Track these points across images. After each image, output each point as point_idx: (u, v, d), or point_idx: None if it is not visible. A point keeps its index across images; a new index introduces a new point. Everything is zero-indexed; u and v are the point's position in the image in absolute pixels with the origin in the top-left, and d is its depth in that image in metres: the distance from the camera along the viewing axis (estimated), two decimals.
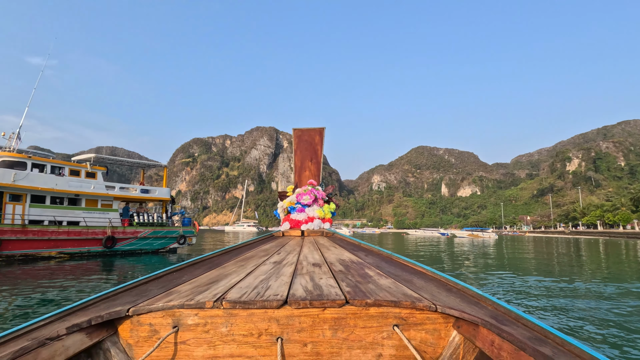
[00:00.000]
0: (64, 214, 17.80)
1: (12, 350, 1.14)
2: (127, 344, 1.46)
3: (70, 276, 11.24)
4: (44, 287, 9.35)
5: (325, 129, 4.51)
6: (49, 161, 17.67)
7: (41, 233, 16.18)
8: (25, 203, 16.48)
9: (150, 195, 21.87)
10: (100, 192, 19.17)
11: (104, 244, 18.29)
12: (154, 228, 20.89)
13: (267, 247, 3.04)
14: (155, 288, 1.79)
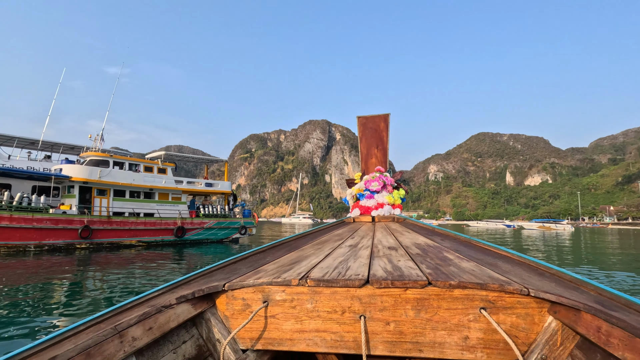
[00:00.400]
0: (141, 207, 19.69)
1: (137, 314, 1.36)
2: (224, 315, 1.62)
3: (152, 263, 12.42)
4: (138, 270, 10.44)
5: (390, 115, 4.42)
6: (127, 159, 19.62)
7: (123, 223, 18.08)
8: (109, 197, 18.52)
9: (214, 188, 23.30)
10: (171, 186, 20.86)
11: (175, 234, 19.91)
12: (218, 219, 22.24)
13: (340, 232, 3.10)
14: (244, 267, 1.95)
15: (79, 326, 1.27)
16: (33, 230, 15.30)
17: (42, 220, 15.53)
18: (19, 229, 14.96)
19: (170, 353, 1.42)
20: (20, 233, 15.01)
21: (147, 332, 1.32)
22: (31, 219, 15.23)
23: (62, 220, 16.15)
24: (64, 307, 6.52)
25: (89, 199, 17.89)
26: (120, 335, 1.24)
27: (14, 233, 14.88)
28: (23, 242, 15.11)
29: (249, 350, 1.57)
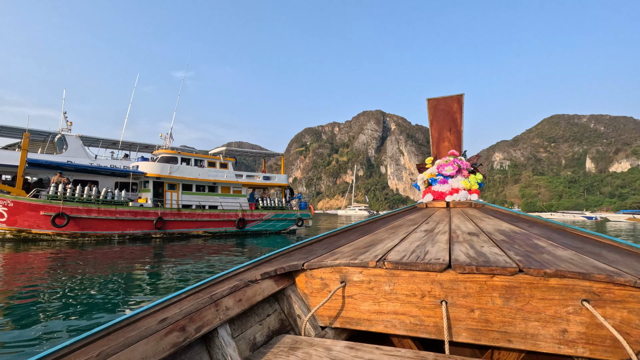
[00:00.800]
0: (206, 199, 21.01)
1: (228, 287, 1.48)
2: (303, 293, 1.71)
3: (218, 251, 13.18)
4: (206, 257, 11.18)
5: (464, 96, 4.19)
6: (193, 155, 21.01)
7: (191, 215, 19.46)
8: (179, 191, 20.02)
9: (271, 181, 24.04)
10: (232, 180, 21.94)
11: (237, 225, 20.95)
12: (276, 211, 22.94)
13: (413, 217, 3.09)
14: (320, 248, 2.04)
15: (181, 294, 1.41)
16: (116, 221, 17.10)
17: (124, 213, 17.29)
18: (105, 220, 16.82)
19: (256, 324, 1.53)
20: (106, 224, 16.88)
21: (238, 303, 1.44)
22: (114, 211, 17.03)
23: (140, 212, 17.83)
24: (147, 285, 7.48)
25: (161, 192, 19.53)
26: (215, 304, 1.36)
27: (101, 224, 16.76)
28: (109, 232, 16.97)
29: (328, 327, 1.63)
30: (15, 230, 15.47)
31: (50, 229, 15.68)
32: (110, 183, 19.86)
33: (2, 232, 15.39)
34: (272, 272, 1.67)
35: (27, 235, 15.62)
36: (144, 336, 1.09)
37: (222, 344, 1.29)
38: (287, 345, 1.41)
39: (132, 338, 1.06)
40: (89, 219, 16.40)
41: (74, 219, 16.02)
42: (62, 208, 15.74)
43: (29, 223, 15.52)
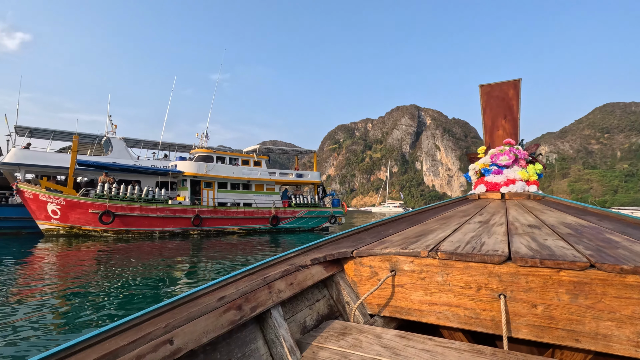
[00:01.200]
0: (240, 197, 21.43)
1: (280, 270, 1.52)
2: (352, 280, 1.74)
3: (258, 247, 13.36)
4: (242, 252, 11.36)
5: (521, 81, 3.96)
6: (227, 154, 21.49)
7: (226, 213, 19.92)
8: (214, 189, 20.57)
9: (304, 178, 24.07)
10: (265, 178, 22.21)
11: (270, 222, 21.18)
12: (309, 209, 22.93)
13: (465, 209, 3.03)
14: (368, 237, 2.05)
15: (237, 275, 1.47)
16: (157, 218, 17.87)
17: (164, 210, 18.03)
18: (147, 218, 17.62)
19: (306, 308, 1.58)
20: (148, 221, 17.68)
21: (289, 286, 1.47)
22: (155, 209, 17.80)
23: (178, 210, 18.51)
24: (187, 276, 8.13)
25: (198, 191, 20.16)
26: (268, 286, 1.40)
27: (144, 221, 17.58)
28: (150, 229, 17.76)
29: (377, 315, 1.63)
30: (68, 226, 16.60)
31: (98, 226, 16.67)
32: (152, 182, 20.81)
33: (57, 228, 16.58)
34: (321, 258, 1.70)
35: (77, 231, 16.71)
36: (204, 312, 1.16)
37: (275, 325, 1.33)
38: (337, 330, 1.43)
39: (195, 313, 1.14)
40: (132, 216, 17.26)
41: (119, 216, 16.93)
42: (108, 206, 16.68)
43: (79, 220, 16.59)
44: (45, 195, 16.22)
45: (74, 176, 19.19)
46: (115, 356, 0.90)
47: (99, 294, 6.62)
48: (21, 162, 18.38)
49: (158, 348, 0.97)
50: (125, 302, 6.15)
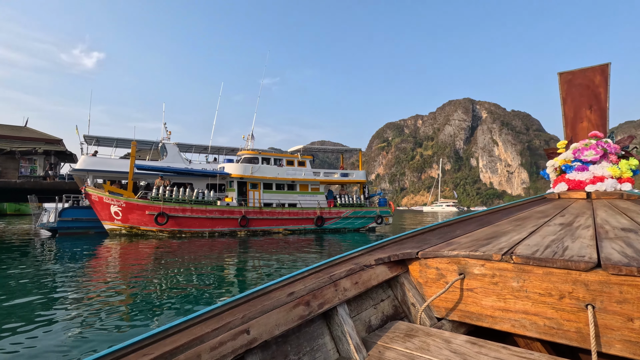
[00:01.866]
0: (285, 198, 21.55)
1: (345, 269, 1.53)
2: (417, 281, 1.71)
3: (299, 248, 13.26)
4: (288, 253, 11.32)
5: (609, 66, 3.52)
6: (272, 155, 21.74)
7: (272, 213, 20.13)
8: (260, 190, 20.90)
9: (349, 178, 23.59)
10: (309, 178, 22.12)
11: (315, 223, 21.02)
12: (354, 208, 22.42)
13: (543, 209, 2.84)
14: (434, 238, 2.00)
15: (304, 272, 1.51)
16: (206, 219, 18.56)
17: (212, 212, 18.68)
18: (197, 219, 18.38)
19: (371, 308, 1.58)
20: (198, 222, 18.43)
21: (354, 285, 1.49)
22: (204, 210, 18.50)
23: (226, 211, 19.06)
24: (235, 276, 8.46)
25: (245, 192, 20.62)
26: (334, 284, 1.42)
27: (194, 222, 18.36)
28: (200, 229, 18.50)
29: (444, 319, 1.60)
30: (128, 226, 17.85)
31: (154, 226, 17.71)
32: (203, 184, 21.67)
33: (119, 228, 17.90)
34: (385, 258, 1.71)
35: (137, 231, 17.90)
36: (276, 306, 1.22)
37: (341, 322, 1.35)
38: (403, 331, 1.42)
39: (268, 306, 1.20)
40: (184, 217, 18.10)
41: (172, 217, 17.84)
42: (162, 208, 17.65)
43: (137, 221, 17.75)
44: (109, 198, 17.59)
45: (135, 180, 20.67)
46: (201, 341, 1.00)
47: (159, 284, 7.37)
48: (89, 168, 20.13)
49: (237, 336, 1.06)
50: (182, 288, 6.95)
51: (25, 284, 7.22)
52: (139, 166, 18.78)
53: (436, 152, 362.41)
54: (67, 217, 19.18)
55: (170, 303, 5.93)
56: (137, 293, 6.59)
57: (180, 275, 8.29)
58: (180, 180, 21.04)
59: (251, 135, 22.69)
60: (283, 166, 21.75)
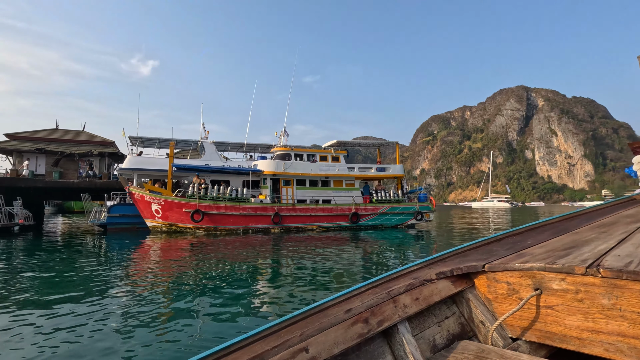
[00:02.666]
0: (319, 194, 21.12)
1: (404, 284, 1.51)
2: (485, 297, 1.61)
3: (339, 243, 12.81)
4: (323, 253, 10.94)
5: None
6: (305, 150, 21.40)
7: (305, 210, 19.82)
8: (293, 186, 20.67)
9: (385, 172, 22.59)
10: (344, 174, 21.48)
11: (350, 219, 20.38)
12: (391, 204, 21.43)
13: (633, 213, 2.64)
14: (501, 249, 1.88)
15: (361, 288, 1.50)
16: (240, 217, 18.69)
17: (246, 209, 18.77)
18: (231, 216, 18.57)
19: (435, 325, 1.51)
20: (232, 219, 18.62)
21: (415, 301, 1.44)
22: (238, 207, 18.64)
23: (259, 208, 19.07)
24: (270, 279, 8.10)
25: (278, 188, 20.52)
26: (393, 300, 1.39)
27: (229, 219, 18.57)
28: (234, 226, 18.67)
29: (520, 340, 1.48)
30: (168, 224, 18.50)
31: (191, 224, 18.17)
32: (239, 182, 21.93)
33: (160, 225, 18.62)
34: (447, 272, 1.62)
35: (175, 228, 18.50)
36: (333, 323, 1.20)
37: (403, 341, 1.30)
38: (473, 353, 1.33)
39: (325, 324, 1.18)
40: (218, 214, 18.37)
41: (207, 214, 18.18)
42: (198, 205, 18.04)
43: (176, 218, 18.33)
44: (149, 197, 18.33)
45: (178, 179, 21.44)
46: (262, 359, 1.00)
47: (197, 277, 7.83)
48: (135, 167, 21.20)
49: (296, 355, 1.05)
50: (219, 283, 7.30)
51: (71, 279, 7.71)
52: (178, 165, 19.38)
53: (486, 144, 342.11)
54: (115, 213, 20.37)
55: (203, 307, 5.72)
56: (172, 291, 6.75)
57: (213, 274, 8.35)
58: (217, 178, 21.45)
59: (284, 132, 22.53)
60: (316, 162, 21.33)
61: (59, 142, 29.93)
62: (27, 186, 24.42)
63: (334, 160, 21.78)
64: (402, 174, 22.79)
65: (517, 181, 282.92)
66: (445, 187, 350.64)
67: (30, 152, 28.48)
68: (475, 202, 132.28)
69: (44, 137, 29.80)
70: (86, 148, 29.96)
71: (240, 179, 22.00)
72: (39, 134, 30.07)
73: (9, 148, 28.08)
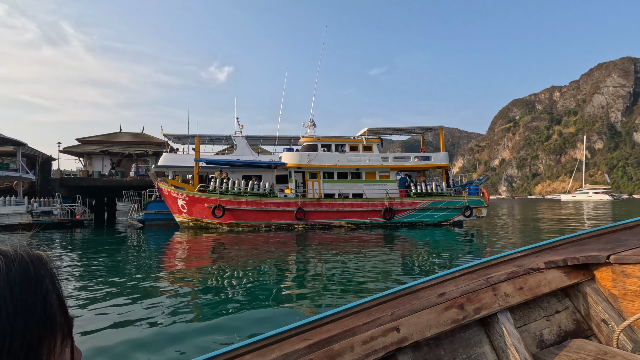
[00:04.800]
0: (349, 188, 19.24)
1: (505, 272, 1.40)
2: (609, 293, 1.44)
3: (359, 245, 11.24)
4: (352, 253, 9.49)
5: None
6: (333, 140, 19.66)
7: (331, 205, 18.16)
8: (320, 179, 19.11)
9: (426, 162, 19.74)
10: (377, 164, 19.26)
11: (383, 215, 18.16)
12: (433, 198, 18.63)
13: None
14: (632, 238, 1.67)
15: (455, 272, 1.44)
16: (261, 212, 17.77)
17: (267, 204, 17.79)
18: (252, 212, 17.74)
19: (542, 319, 1.40)
20: (254, 215, 17.79)
21: (518, 291, 1.34)
22: (259, 202, 17.74)
23: (282, 203, 17.95)
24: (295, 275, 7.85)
25: (303, 182, 19.15)
26: (492, 288, 1.31)
27: (250, 214, 17.78)
28: (256, 222, 17.82)
29: None
30: (193, 219, 18.40)
31: (214, 219, 17.78)
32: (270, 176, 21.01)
33: (187, 220, 18.61)
34: (559, 261, 1.47)
35: (201, 223, 18.31)
36: (425, 306, 1.18)
37: (503, 332, 1.24)
38: (592, 354, 1.21)
39: (416, 306, 1.17)
40: (240, 210, 17.69)
41: (228, 210, 17.62)
42: (219, 200, 17.57)
43: (200, 214, 18.12)
44: (175, 192, 18.41)
45: (207, 174, 21.44)
46: (353, 333, 1.03)
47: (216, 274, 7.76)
48: (169, 164, 21.71)
49: (387, 333, 1.07)
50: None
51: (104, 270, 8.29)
52: (199, 160, 19.21)
53: (581, 128, 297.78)
54: (151, 209, 21.06)
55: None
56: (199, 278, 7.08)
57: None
58: (249, 173, 20.83)
59: (311, 121, 21.02)
60: (345, 152, 19.45)
61: (120, 144, 32.54)
62: (88, 185, 26.85)
63: (365, 150, 19.66)
64: (446, 163, 19.66)
65: (623, 169, 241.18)
66: (529, 179, 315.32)
67: (96, 154, 31.45)
68: (565, 194, 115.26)
69: (108, 140, 32.68)
70: (143, 149, 32.12)
71: (270, 174, 21.13)
72: (104, 137, 33.04)
73: (79, 151, 31.32)
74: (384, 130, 20.79)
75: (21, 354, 0.33)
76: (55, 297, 0.38)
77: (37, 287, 0.37)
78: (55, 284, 0.39)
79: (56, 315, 0.38)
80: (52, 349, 0.36)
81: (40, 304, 0.36)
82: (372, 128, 19.97)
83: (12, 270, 0.35)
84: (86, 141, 32.09)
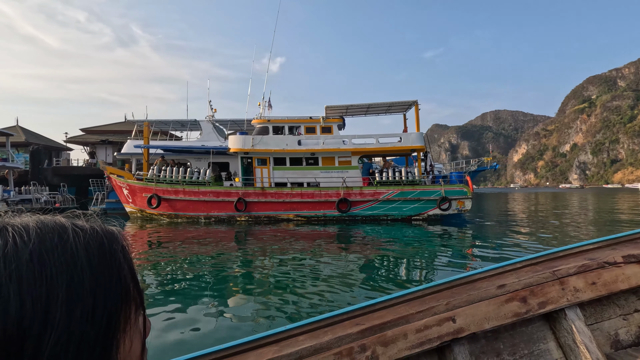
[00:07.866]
0: (303, 175, 16.69)
1: (575, 265, 1.27)
2: None
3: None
4: None
5: None
6: (284, 121, 17.13)
7: (277, 195, 15.84)
8: (269, 166, 16.78)
9: (393, 145, 16.37)
10: (334, 148, 16.41)
11: (337, 207, 15.43)
12: (401, 188, 15.40)
13: None
14: None
15: (516, 263, 1.32)
16: (200, 202, 16.01)
17: (206, 193, 15.99)
18: (190, 202, 16.04)
19: (618, 317, 1.30)
20: (192, 205, 16.11)
21: (590, 286, 1.24)
22: (197, 192, 15.99)
23: (222, 192, 16.04)
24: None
25: (251, 170, 16.98)
26: (560, 281, 1.22)
27: (188, 205, 16.11)
28: (195, 214, 16.12)
29: None
30: (138, 209, 17.27)
31: (152, 210, 16.45)
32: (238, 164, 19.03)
33: (133, 210, 17.55)
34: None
35: (144, 214, 17.13)
36: (484, 297, 1.13)
37: (572, 329, 1.17)
38: None
39: (474, 297, 1.12)
40: (177, 199, 16.12)
41: (165, 200, 16.14)
42: (155, 190, 16.16)
43: (141, 203, 16.91)
44: (119, 181, 17.39)
45: (182, 161, 20.17)
46: (406, 321, 1.01)
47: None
48: (132, 151, 20.86)
49: (442, 323, 1.04)
50: None
51: None
52: (139, 146, 17.99)
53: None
54: (112, 199, 20.45)
55: None
56: None
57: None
58: (217, 160, 19.05)
59: (267, 102, 18.58)
60: (301, 135, 16.86)
61: (123, 133, 32.94)
62: (78, 174, 27.38)
63: (325, 132, 16.87)
64: (421, 144, 16.07)
65: None
66: (607, 165, 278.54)
67: (99, 144, 32.17)
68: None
69: (111, 130, 33.21)
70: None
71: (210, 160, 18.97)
72: (108, 127, 33.63)
73: (82, 141, 32.26)
74: (349, 108, 17.61)
75: (103, 321, 0.35)
76: (128, 269, 0.40)
77: (112, 259, 0.39)
78: (127, 257, 0.41)
79: (130, 286, 0.40)
80: (127, 317, 0.39)
81: (115, 276, 0.38)
82: (331, 106, 16.94)
83: (90, 244, 0.38)
84: (89, 131, 32.99)
